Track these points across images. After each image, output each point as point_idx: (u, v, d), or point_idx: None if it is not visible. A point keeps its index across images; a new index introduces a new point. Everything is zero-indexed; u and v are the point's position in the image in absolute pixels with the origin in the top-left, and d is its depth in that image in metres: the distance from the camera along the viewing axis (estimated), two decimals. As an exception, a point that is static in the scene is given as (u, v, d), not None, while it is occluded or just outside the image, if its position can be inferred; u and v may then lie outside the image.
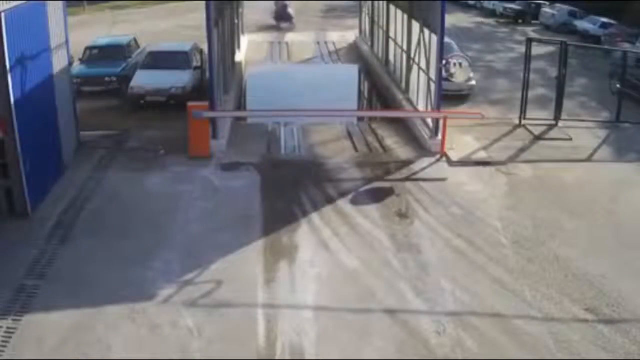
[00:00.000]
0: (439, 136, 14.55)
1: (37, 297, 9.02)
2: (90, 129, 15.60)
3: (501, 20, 37.68)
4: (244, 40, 27.62)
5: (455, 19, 33.25)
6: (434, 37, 15.20)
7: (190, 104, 14.49)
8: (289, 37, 30.52)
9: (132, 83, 17.89)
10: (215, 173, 13.42)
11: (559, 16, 33.76)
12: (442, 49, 14.79)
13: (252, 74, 21.13)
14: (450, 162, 14.05)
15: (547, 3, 36.91)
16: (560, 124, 16.52)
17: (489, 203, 12.19)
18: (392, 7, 21.37)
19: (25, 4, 11.35)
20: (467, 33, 31.04)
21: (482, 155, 14.52)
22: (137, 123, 16.54)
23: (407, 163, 14.13)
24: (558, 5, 35.25)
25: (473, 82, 19.66)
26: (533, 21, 36.37)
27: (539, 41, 22.15)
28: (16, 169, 10.99)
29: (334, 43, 29.19)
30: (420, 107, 16.67)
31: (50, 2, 12.86)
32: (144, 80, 17.94)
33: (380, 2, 23.92)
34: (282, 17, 33.90)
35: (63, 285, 9.32)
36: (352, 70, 24.15)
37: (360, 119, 17.28)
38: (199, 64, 19.14)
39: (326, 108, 15.36)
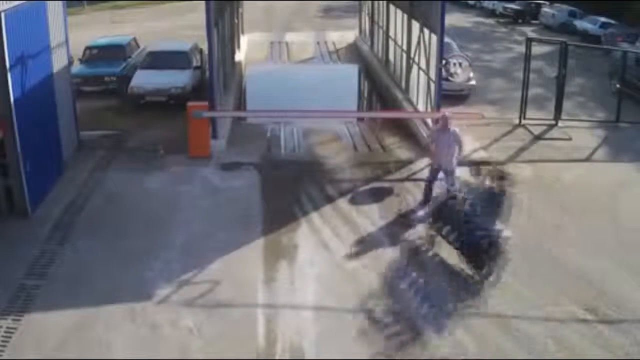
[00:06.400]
0: (439, 136, 14.52)
1: (37, 297, 9.01)
2: (90, 129, 15.61)
3: (501, 20, 37.66)
4: (244, 40, 27.61)
5: (455, 19, 33.23)
6: (434, 37, 15.20)
7: (190, 104, 14.49)
8: (289, 37, 30.50)
9: (132, 83, 17.90)
10: (215, 173, 13.42)
11: (559, 16, 33.74)
12: (442, 49, 14.79)
13: (252, 73, 21.08)
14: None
15: (547, 3, 36.91)
16: (560, 123, 16.53)
17: (488, 203, 12.18)
18: (392, 7, 21.36)
19: (25, 4, 11.35)
20: (467, 33, 31.02)
21: (482, 155, 14.52)
22: (137, 123, 16.55)
23: (407, 163, 14.13)
24: (558, 5, 35.25)
25: (473, 82, 19.66)
26: (533, 21, 36.36)
27: (539, 41, 22.16)
28: (16, 169, 10.99)
29: (334, 43, 29.18)
30: (420, 107, 16.67)
31: (50, 2, 12.86)
32: (144, 80, 17.95)
33: (380, 2, 23.92)
34: None
35: (63, 285, 9.32)
36: (352, 70, 24.12)
37: (360, 119, 17.27)
38: (199, 64, 19.14)
39: (326, 109, 15.34)
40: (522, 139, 15.59)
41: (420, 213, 11.61)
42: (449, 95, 17.20)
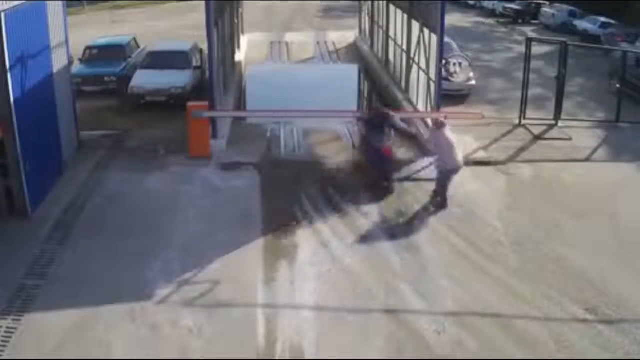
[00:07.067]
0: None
1: (37, 297, 9.02)
2: (90, 129, 15.61)
3: (501, 20, 37.66)
4: (244, 40, 27.60)
5: (455, 19, 33.24)
6: (434, 37, 15.20)
7: (190, 104, 14.49)
8: (289, 37, 30.50)
9: (132, 83, 17.89)
10: (215, 173, 13.41)
11: (559, 16, 33.73)
12: (442, 49, 14.79)
13: (252, 73, 21.05)
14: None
15: (547, 3, 36.91)
16: (560, 124, 16.53)
17: (488, 203, 12.20)
18: (392, 7, 21.36)
19: (25, 4, 11.35)
20: (467, 33, 31.03)
21: (482, 155, 14.52)
22: (137, 123, 16.55)
23: (406, 163, 14.11)
24: (558, 5, 35.25)
25: (473, 82, 19.65)
26: (533, 21, 36.35)
27: (539, 41, 22.16)
28: (16, 169, 10.99)
29: (334, 43, 29.16)
30: (420, 107, 16.67)
31: (50, 2, 12.85)
32: (144, 80, 17.94)
33: (380, 2, 23.92)
34: None
35: (63, 285, 9.32)
36: (352, 70, 24.11)
37: (360, 119, 17.27)
38: (199, 64, 19.13)
39: (326, 109, 15.34)
40: (522, 139, 15.58)
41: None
42: (449, 95, 17.20)
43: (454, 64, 19.41)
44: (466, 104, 18.58)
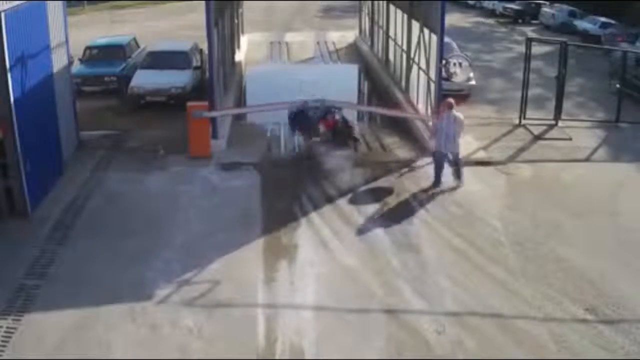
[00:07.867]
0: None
1: (37, 297, 9.01)
2: (90, 129, 15.62)
3: (501, 20, 37.67)
4: (244, 40, 27.62)
5: (455, 19, 33.25)
6: (434, 37, 15.21)
7: (190, 104, 14.49)
8: (289, 37, 30.53)
9: (132, 83, 17.90)
10: (215, 173, 13.42)
11: (559, 16, 33.73)
12: (442, 49, 14.79)
13: (252, 74, 21.10)
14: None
15: (547, 3, 36.91)
16: (560, 124, 16.53)
17: (489, 203, 12.20)
18: (392, 7, 21.37)
19: (25, 4, 11.35)
20: (467, 33, 31.03)
21: (482, 155, 14.52)
22: (137, 123, 16.55)
23: (406, 163, 14.13)
24: (558, 5, 35.25)
25: (473, 82, 19.63)
26: (533, 21, 36.36)
27: (539, 41, 22.16)
28: (16, 169, 10.99)
29: (334, 43, 29.21)
30: (421, 107, 16.68)
31: (50, 2, 12.86)
32: (144, 80, 17.95)
33: (380, 2, 23.92)
34: None
35: (63, 285, 9.32)
36: (352, 70, 24.16)
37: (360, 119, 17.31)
38: (199, 64, 19.14)
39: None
40: (522, 139, 15.59)
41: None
42: (449, 95, 17.14)
43: (454, 64, 19.40)
44: (466, 104, 18.55)
